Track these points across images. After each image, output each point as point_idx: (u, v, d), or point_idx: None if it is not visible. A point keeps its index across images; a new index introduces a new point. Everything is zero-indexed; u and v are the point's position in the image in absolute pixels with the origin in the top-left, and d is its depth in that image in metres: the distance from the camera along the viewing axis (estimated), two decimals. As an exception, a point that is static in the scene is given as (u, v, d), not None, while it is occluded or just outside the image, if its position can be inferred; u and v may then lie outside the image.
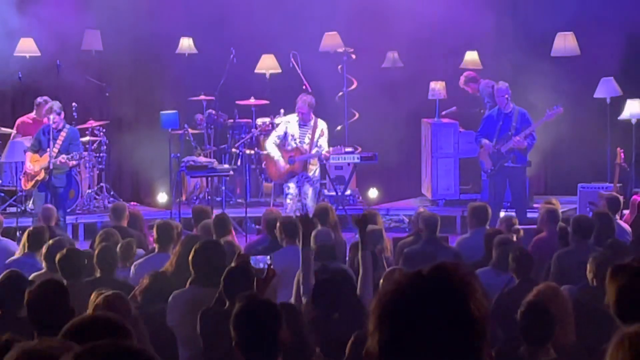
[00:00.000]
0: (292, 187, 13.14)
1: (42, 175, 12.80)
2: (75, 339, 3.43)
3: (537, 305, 5.77)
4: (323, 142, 13.14)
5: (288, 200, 13.14)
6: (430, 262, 2.52)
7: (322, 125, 13.19)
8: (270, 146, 13.27)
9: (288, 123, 13.28)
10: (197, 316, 6.24)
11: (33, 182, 12.93)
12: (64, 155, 12.61)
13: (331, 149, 13.22)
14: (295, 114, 13.27)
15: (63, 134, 12.82)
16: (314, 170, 13.21)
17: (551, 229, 9.50)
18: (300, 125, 13.14)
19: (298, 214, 8.73)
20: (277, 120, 14.46)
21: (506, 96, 13.20)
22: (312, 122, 13.14)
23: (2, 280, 6.70)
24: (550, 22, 15.43)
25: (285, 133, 13.17)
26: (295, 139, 13.11)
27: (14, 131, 14.53)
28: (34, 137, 13.22)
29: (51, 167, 12.61)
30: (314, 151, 13.07)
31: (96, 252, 8.12)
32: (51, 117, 12.68)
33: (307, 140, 13.08)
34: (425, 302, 2.41)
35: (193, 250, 7.05)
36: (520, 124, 13.09)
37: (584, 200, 13.02)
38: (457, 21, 14.96)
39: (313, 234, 8.17)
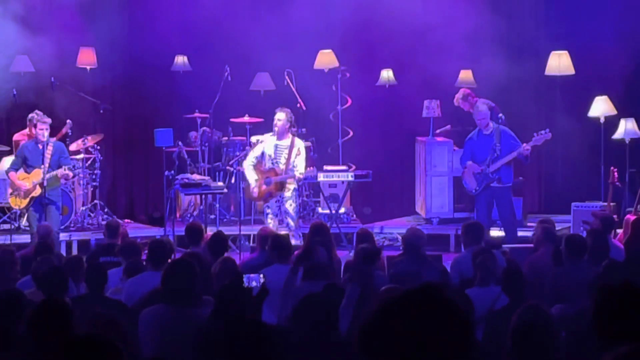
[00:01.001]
0: (272, 207, 13.04)
1: (38, 191, 12.75)
2: (66, 358, 3.43)
3: (526, 325, 5.76)
4: (299, 161, 12.87)
5: (269, 220, 12.97)
6: (416, 281, 2.53)
7: (299, 144, 12.98)
8: (248, 170, 13.05)
9: (264, 143, 13.14)
10: (160, 334, 6.19)
11: (28, 199, 12.86)
12: (65, 167, 12.58)
13: (303, 173, 12.85)
14: (271, 133, 13.13)
15: (50, 147, 12.77)
16: (291, 189, 13.01)
17: (547, 248, 9.46)
18: (275, 146, 12.87)
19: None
20: (253, 139, 14.49)
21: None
22: (289, 141, 12.95)
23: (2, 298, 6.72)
24: (545, 41, 15.48)
25: (263, 153, 13.00)
26: (271, 159, 12.95)
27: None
28: (16, 155, 13.12)
29: (45, 183, 12.58)
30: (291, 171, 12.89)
31: (86, 270, 8.09)
32: (45, 133, 12.62)
33: (282, 160, 12.87)
34: (408, 326, 2.40)
35: (165, 268, 7.04)
36: (504, 141, 12.92)
37: (577, 219, 13.00)
38: (452, 40, 14.97)
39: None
